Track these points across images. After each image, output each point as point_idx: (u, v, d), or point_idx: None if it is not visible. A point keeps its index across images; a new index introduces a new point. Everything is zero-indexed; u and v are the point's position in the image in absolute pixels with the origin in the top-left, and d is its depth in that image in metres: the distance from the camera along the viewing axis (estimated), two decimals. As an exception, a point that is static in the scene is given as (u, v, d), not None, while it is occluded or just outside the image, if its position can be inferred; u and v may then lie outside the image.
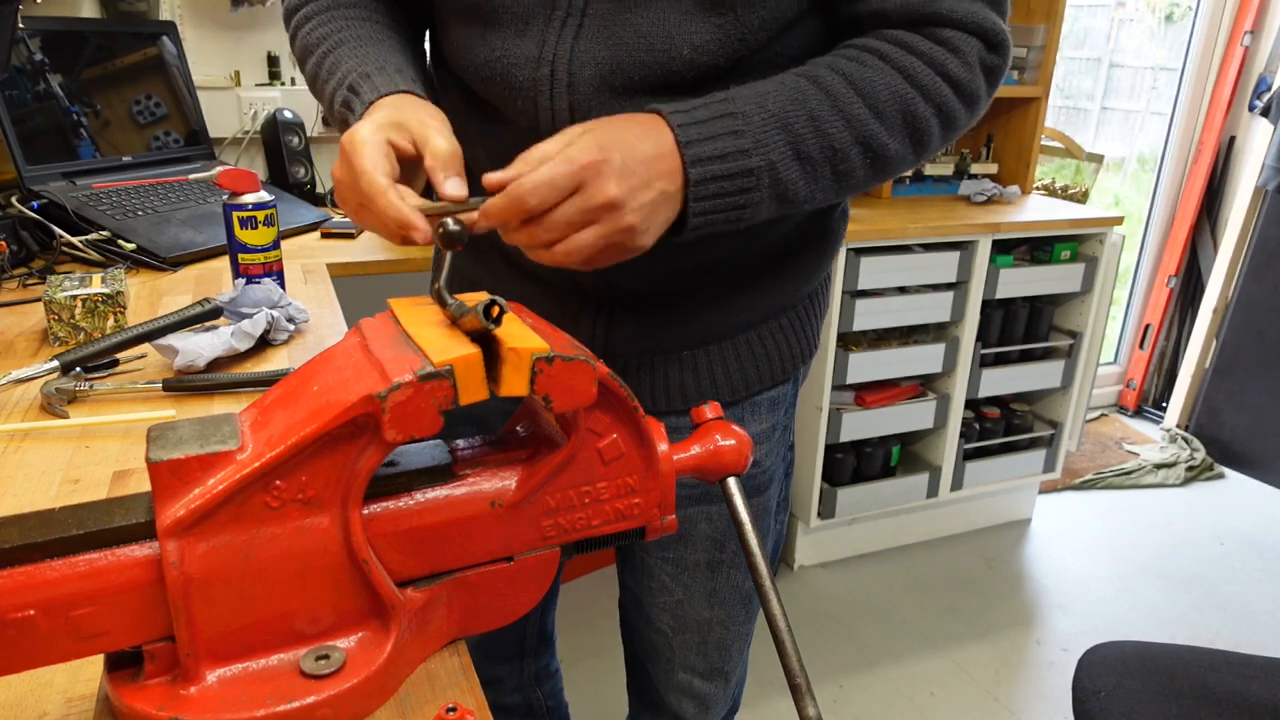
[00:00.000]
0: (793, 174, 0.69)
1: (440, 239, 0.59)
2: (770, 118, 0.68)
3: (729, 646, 1.05)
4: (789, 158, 0.69)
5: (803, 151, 0.69)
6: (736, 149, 0.67)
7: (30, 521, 0.48)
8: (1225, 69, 3.15)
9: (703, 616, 1.02)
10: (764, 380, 0.93)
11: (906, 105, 0.72)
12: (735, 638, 1.05)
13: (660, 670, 1.09)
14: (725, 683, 1.08)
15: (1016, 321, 2.45)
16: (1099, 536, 2.68)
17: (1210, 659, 1.11)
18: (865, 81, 0.71)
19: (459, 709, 0.51)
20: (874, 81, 0.71)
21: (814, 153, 0.70)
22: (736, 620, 1.04)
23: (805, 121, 0.69)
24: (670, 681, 1.09)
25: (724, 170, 0.66)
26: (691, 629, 1.03)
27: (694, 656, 1.05)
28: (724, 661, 1.06)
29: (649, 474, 0.59)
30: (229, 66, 1.97)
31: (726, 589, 1.01)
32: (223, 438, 0.49)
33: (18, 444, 0.85)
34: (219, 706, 0.49)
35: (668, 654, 1.07)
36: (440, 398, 0.49)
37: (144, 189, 1.60)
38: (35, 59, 1.58)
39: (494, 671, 1.22)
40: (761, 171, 0.68)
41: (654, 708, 1.13)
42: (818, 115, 0.69)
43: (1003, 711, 1.98)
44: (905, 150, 0.74)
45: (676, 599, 1.01)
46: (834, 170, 0.71)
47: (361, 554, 0.51)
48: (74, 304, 1.06)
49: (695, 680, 1.07)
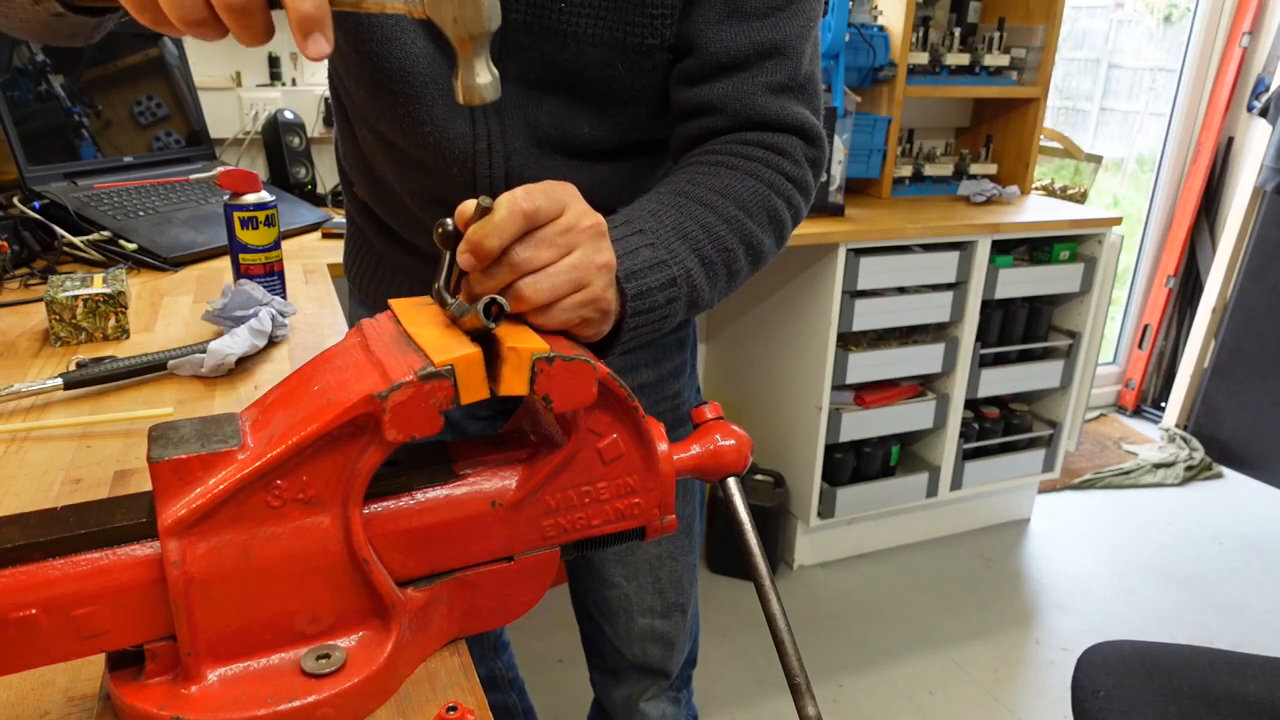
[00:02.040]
0: (700, 280, 0.73)
1: (440, 239, 0.59)
2: (670, 230, 0.72)
3: (680, 578, 1.12)
4: (697, 265, 0.72)
5: (705, 257, 0.73)
6: (656, 260, 0.69)
7: (32, 520, 0.48)
8: (1224, 69, 3.15)
9: (651, 554, 1.09)
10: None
11: (767, 202, 0.78)
12: (684, 568, 1.12)
13: (620, 627, 1.14)
14: (683, 616, 1.15)
15: (1016, 321, 2.45)
16: (1098, 536, 2.69)
17: (1209, 658, 1.11)
18: (729, 187, 0.77)
19: (459, 708, 0.51)
20: (735, 186, 0.77)
21: (713, 257, 0.74)
22: (682, 550, 1.11)
23: (699, 230, 0.74)
24: (632, 632, 1.14)
25: (654, 282, 0.68)
26: (644, 570, 1.10)
27: (650, 597, 1.11)
28: (678, 594, 1.13)
29: (649, 474, 0.59)
30: (230, 67, 1.97)
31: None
32: (224, 437, 0.50)
33: (19, 444, 0.85)
34: (220, 705, 0.49)
35: (625, 605, 1.12)
36: (441, 398, 0.50)
37: (145, 189, 1.61)
38: (37, 60, 1.58)
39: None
40: (681, 280, 0.70)
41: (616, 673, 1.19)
42: (706, 223, 0.74)
43: (1002, 711, 1.98)
44: (773, 244, 0.81)
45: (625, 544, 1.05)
46: (728, 271, 0.76)
47: (362, 554, 0.52)
48: (75, 304, 1.06)
49: (655, 622, 1.13)
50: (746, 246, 0.77)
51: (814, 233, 2.01)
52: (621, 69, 0.81)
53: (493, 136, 0.84)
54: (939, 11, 2.44)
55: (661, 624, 1.14)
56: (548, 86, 0.82)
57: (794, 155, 0.82)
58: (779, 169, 0.80)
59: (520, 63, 0.81)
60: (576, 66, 0.81)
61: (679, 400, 1.08)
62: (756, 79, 0.80)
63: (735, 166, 0.79)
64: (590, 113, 0.84)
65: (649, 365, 1.04)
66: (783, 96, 0.82)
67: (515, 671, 1.41)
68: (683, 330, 1.06)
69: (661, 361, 1.04)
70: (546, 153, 0.85)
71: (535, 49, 0.80)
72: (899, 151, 2.47)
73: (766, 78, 0.81)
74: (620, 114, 0.84)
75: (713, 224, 0.75)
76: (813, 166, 0.84)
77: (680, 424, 1.07)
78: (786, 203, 0.81)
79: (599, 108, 0.84)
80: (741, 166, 0.79)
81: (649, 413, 0.93)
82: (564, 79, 0.82)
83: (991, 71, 2.44)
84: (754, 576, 0.61)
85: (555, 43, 0.80)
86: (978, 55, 2.40)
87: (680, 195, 0.76)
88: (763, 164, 0.80)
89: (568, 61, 0.81)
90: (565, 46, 0.80)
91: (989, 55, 2.40)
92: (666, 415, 1.06)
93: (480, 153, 0.84)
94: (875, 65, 2.23)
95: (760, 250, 0.79)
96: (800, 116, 0.82)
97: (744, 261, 0.78)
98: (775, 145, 0.81)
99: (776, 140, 0.81)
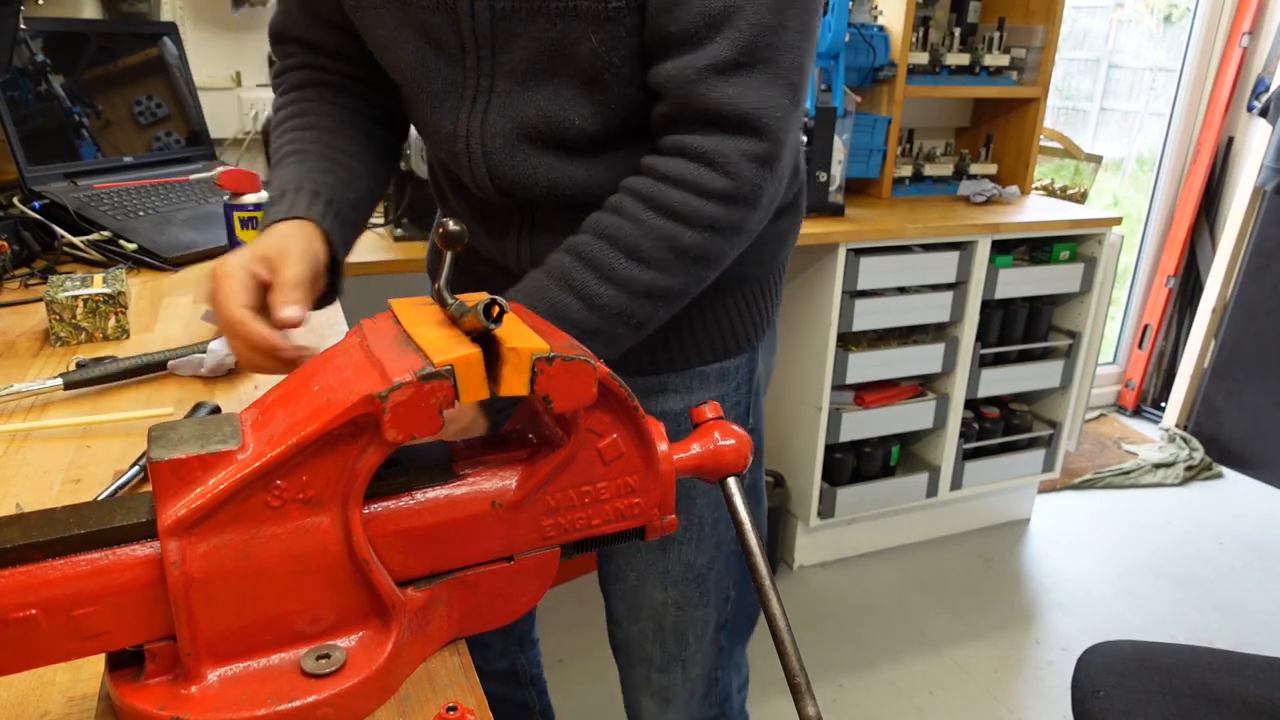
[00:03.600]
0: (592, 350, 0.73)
1: (440, 239, 0.59)
2: (545, 313, 0.73)
3: (684, 631, 1.03)
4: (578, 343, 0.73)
5: (590, 330, 0.75)
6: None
7: (32, 521, 0.48)
8: (1223, 70, 3.15)
9: (656, 599, 1.02)
10: (713, 353, 0.97)
11: (673, 241, 0.76)
12: (691, 621, 1.03)
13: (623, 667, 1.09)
14: (683, 673, 1.06)
15: (1016, 321, 2.45)
16: (1098, 536, 2.69)
17: (1209, 658, 1.11)
18: (626, 237, 0.76)
19: (459, 708, 0.51)
20: (633, 234, 0.76)
21: (600, 325, 0.76)
22: (691, 602, 1.02)
23: (577, 305, 0.75)
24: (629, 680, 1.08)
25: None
26: (647, 615, 1.03)
27: (651, 647, 1.04)
28: (680, 648, 1.04)
29: (649, 474, 0.59)
30: (230, 67, 1.97)
31: (679, 567, 1.00)
32: (224, 437, 0.50)
33: (19, 444, 0.85)
34: (220, 705, 0.49)
35: (626, 647, 1.07)
36: (440, 398, 0.50)
37: (145, 189, 1.61)
38: (37, 60, 1.58)
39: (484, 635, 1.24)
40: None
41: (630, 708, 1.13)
42: (587, 293, 0.76)
43: (1002, 711, 1.98)
44: (692, 275, 0.79)
45: (630, 585, 1.02)
46: (627, 326, 0.78)
47: (362, 554, 0.52)
48: (75, 304, 1.06)
49: (653, 674, 1.05)
50: (647, 298, 0.77)
51: (814, 233, 2.01)
52: (594, 40, 0.76)
53: (471, 136, 0.84)
54: (939, 11, 2.44)
55: (659, 677, 1.06)
56: (538, 77, 0.80)
57: (726, 164, 0.75)
58: (698, 188, 0.76)
59: (514, 53, 0.80)
60: (562, 46, 0.77)
61: None
62: (700, 59, 0.73)
63: (650, 199, 0.77)
64: (580, 103, 0.81)
65: (678, 392, 0.99)
66: (731, 78, 0.73)
67: (539, 669, 1.37)
68: (727, 360, 0.99)
69: (694, 390, 0.99)
70: (536, 149, 0.83)
71: (526, 34, 0.78)
72: (899, 151, 2.47)
73: (712, 56, 0.73)
74: (610, 97, 0.80)
75: (596, 293, 0.75)
76: (759, 165, 0.76)
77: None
78: (706, 229, 0.77)
79: (588, 94, 0.80)
80: (656, 198, 0.77)
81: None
82: (552, 65, 0.79)
83: (991, 71, 2.44)
84: (754, 577, 0.61)
85: (540, 22, 0.77)
86: (978, 55, 2.40)
87: (569, 254, 0.77)
88: (679, 186, 0.76)
89: (553, 42, 0.77)
90: (551, 25, 0.76)
91: (989, 55, 2.40)
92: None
93: (460, 151, 0.85)
94: (875, 65, 2.23)
95: (671, 292, 0.78)
96: (748, 104, 0.74)
97: (649, 310, 0.78)
98: (703, 156, 0.75)
99: (707, 150, 0.75)
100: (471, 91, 0.83)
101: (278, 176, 0.86)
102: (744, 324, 0.99)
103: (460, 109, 0.84)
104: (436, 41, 0.81)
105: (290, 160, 0.86)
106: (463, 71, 0.82)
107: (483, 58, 0.81)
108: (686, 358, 0.96)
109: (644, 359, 0.95)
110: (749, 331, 1.00)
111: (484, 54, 0.81)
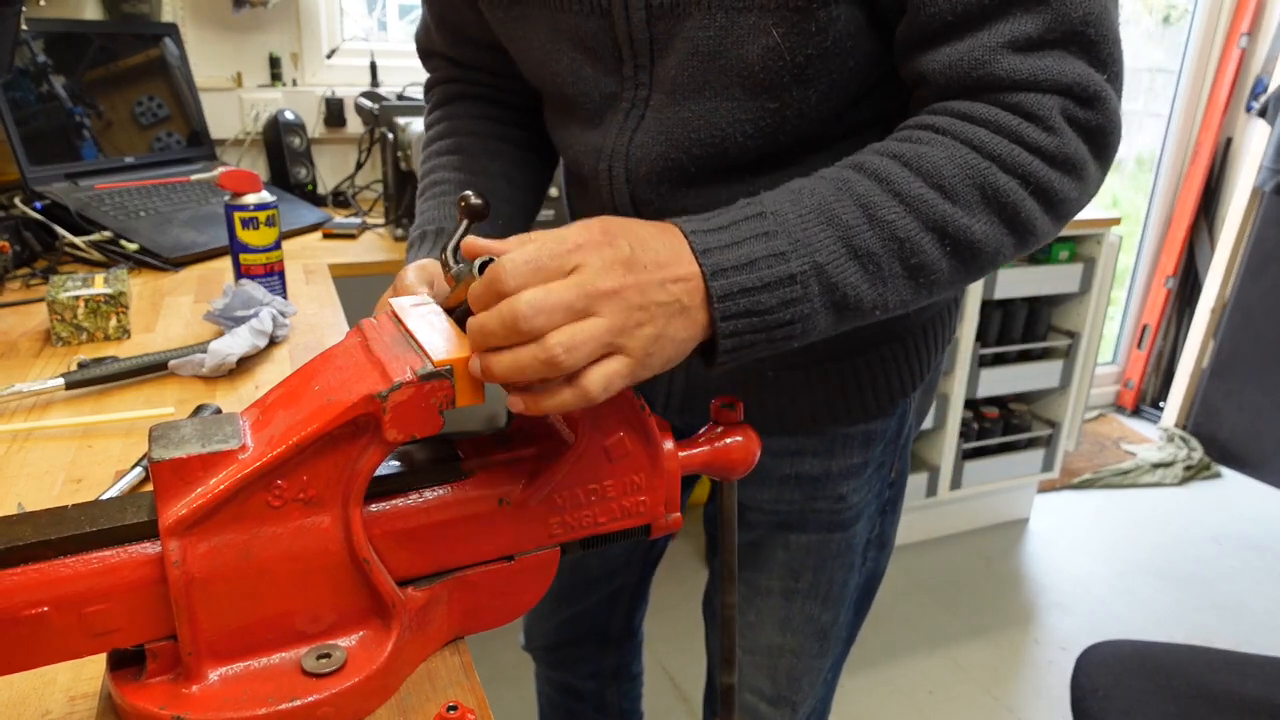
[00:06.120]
0: (849, 275, 0.58)
1: (464, 211, 0.62)
2: (809, 212, 0.57)
3: (799, 677, 1.00)
4: (841, 256, 0.57)
5: (858, 247, 0.58)
6: (769, 252, 0.56)
7: (42, 519, 0.48)
8: (1222, 70, 3.15)
9: (774, 642, 0.98)
10: (855, 415, 0.85)
11: (981, 178, 0.60)
12: (806, 670, 1.00)
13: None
14: (791, 712, 1.03)
15: (1015, 321, 2.45)
16: (1097, 536, 2.69)
17: (1208, 658, 1.11)
18: (922, 158, 0.60)
19: (460, 708, 0.51)
20: (933, 157, 0.60)
21: (873, 246, 0.58)
22: (809, 652, 0.98)
23: (854, 211, 0.58)
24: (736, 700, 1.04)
25: (756, 280, 0.55)
26: (761, 651, 0.99)
27: (762, 679, 1.01)
28: (793, 691, 1.00)
29: (654, 472, 0.60)
30: (231, 68, 1.98)
31: (800, 619, 0.96)
32: (224, 437, 0.50)
33: (20, 444, 0.85)
34: (221, 705, 0.49)
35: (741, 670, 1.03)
36: (440, 397, 0.50)
37: (146, 190, 1.61)
38: (38, 60, 1.58)
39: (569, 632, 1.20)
40: (807, 277, 0.56)
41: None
42: (869, 202, 0.58)
43: (1001, 710, 1.98)
44: (996, 231, 0.61)
45: (748, 620, 0.98)
46: (905, 266, 0.60)
47: (362, 553, 0.52)
48: (77, 304, 1.06)
49: (761, 704, 1.02)
50: (938, 234, 0.59)
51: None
52: (777, 35, 0.65)
53: (614, 158, 0.75)
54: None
55: (767, 709, 1.01)
56: (693, 87, 0.70)
57: (1046, 119, 0.60)
58: (1015, 135, 0.60)
59: (668, 61, 0.70)
60: (723, 47, 0.67)
61: (841, 505, 0.89)
62: (993, 37, 0.60)
63: (946, 130, 0.61)
64: (743, 115, 0.69)
65: (817, 455, 0.87)
66: (1036, 53, 0.60)
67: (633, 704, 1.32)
68: (875, 423, 0.87)
69: (835, 454, 0.87)
70: (687, 174, 0.73)
71: (680, 35, 0.68)
72: (898, 152, 2.47)
73: (1010, 32, 0.60)
74: (782, 104, 0.68)
75: (880, 203, 0.58)
76: (1087, 135, 0.62)
77: (832, 528, 0.91)
78: (1023, 180, 0.60)
79: (756, 102, 0.69)
80: (955, 131, 0.61)
81: (802, 507, 0.91)
82: (714, 72, 0.68)
83: (991, 72, 2.44)
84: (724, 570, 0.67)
85: (699, 18, 0.67)
86: (977, 55, 2.40)
87: (849, 167, 0.61)
88: (990, 128, 0.60)
89: (714, 41, 0.67)
90: (711, 20, 0.66)
91: (988, 55, 2.40)
92: (822, 515, 0.90)
93: (602, 172, 0.77)
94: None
95: (968, 240, 0.60)
96: (1064, 72, 0.60)
97: (936, 254, 0.60)
98: (1017, 105, 0.60)
99: (1019, 101, 0.60)
100: (627, 104, 0.75)
101: (421, 212, 0.84)
102: (896, 378, 0.85)
103: (611, 125, 0.76)
104: (593, 51, 0.74)
105: (431, 193, 0.84)
106: (620, 82, 0.74)
107: (640, 66, 0.72)
108: (819, 417, 0.84)
109: (773, 417, 0.84)
110: (901, 386, 0.86)
111: (641, 61, 0.72)
